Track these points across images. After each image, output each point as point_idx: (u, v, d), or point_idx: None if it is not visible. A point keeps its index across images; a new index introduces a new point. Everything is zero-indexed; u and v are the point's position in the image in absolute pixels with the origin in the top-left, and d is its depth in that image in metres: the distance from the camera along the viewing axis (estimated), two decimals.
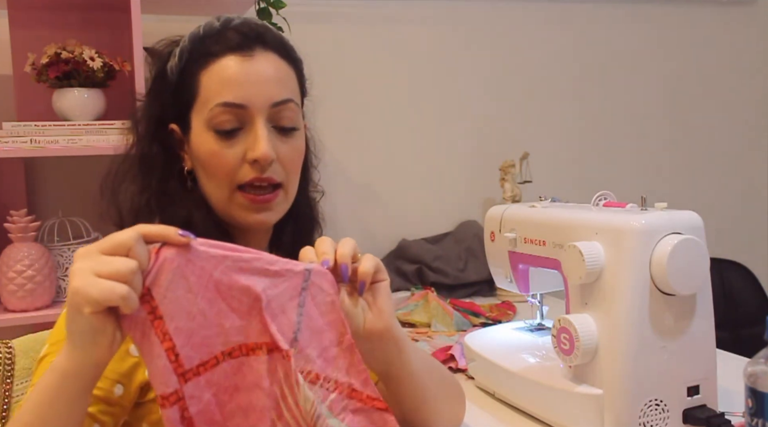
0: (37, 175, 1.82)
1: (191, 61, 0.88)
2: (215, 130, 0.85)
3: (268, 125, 0.86)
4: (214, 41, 0.87)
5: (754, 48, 2.55)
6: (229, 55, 0.86)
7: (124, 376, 0.80)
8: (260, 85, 0.85)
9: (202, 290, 0.64)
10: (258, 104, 0.85)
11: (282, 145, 0.87)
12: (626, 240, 0.91)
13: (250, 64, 0.86)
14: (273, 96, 0.86)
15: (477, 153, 2.23)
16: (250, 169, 0.85)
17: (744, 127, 2.56)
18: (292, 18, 1.81)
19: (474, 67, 2.23)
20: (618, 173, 2.38)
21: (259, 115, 0.85)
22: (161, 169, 0.90)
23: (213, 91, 0.85)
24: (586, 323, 0.94)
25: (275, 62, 0.88)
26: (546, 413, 1.04)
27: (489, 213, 1.25)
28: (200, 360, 0.65)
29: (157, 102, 0.91)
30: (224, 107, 0.84)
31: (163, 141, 0.91)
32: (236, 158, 0.85)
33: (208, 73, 0.86)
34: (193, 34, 0.89)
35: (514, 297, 1.83)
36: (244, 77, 0.85)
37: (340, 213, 2.03)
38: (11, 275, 1.51)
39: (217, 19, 0.89)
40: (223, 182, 0.86)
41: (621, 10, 2.37)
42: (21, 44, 1.71)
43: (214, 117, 0.85)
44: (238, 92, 0.84)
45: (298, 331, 0.68)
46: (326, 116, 2.03)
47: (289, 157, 0.88)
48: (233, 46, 0.86)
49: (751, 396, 0.76)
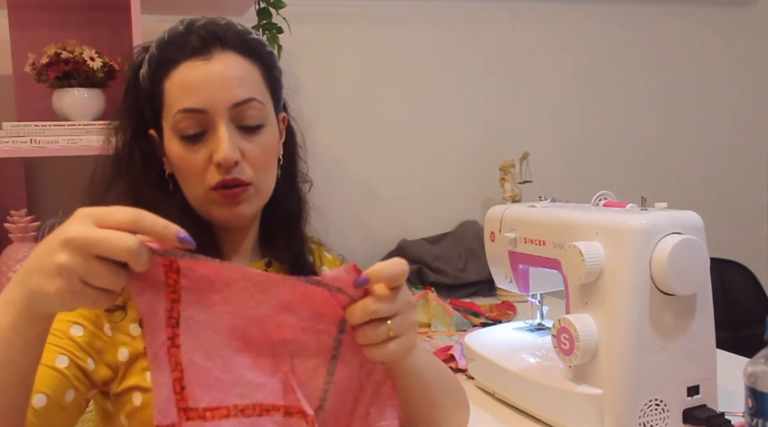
0: (37, 175, 1.82)
1: (157, 68, 0.88)
2: (180, 135, 0.86)
3: (231, 126, 0.86)
4: (176, 47, 0.87)
5: (754, 48, 2.55)
6: (187, 60, 0.86)
7: (96, 352, 0.82)
8: (219, 88, 0.85)
9: (227, 334, 0.60)
10: (218, 107, 0.85)
11: (248, 144, 0.87)
12: (626, 240, 0.92)
13: (207, 68, 0.85)
14: (232, 97, 0.86)
15: (477, 153, 2.23)
16: (216, 172, 0.86)
17: (744, 127, 2.56)
18: (292, 18, 1.81)
19: (474, 67, 2.23)
20: (618, 173, 2.38)
21: (220, 118, 0.85)
22: (142, 175, 0.91)
23: (174, 97, 0.86)
24: (586, 323, 0.94)
25: (234, 62, 0.87)
26: (546, 413, 1.04)
27: (489, 213, 1.25)
28: (208, 404, 0.60)
29: (133, 109, 0.92)
30: (185, 113, 0.85)
31: (143, 146, 0.92)
32: (202, 162, 0.86)
33: (170, 81, 0.87)
34: (159, 39, 0.90)
35: (514, 297, 1.83)
36: (202, 82, 0.85)
37: (340, 213, 2.05)
38: (11, 275, 1.51)
39: (181, 23, 0.89)
40: (195, 184, 0.87)
41: (621, 10, 2.37)
42: (21, 44, 1.71)
43: (177, 123, 0.86)
44: (196, 97, 0.85)
45: (324, 399, 0.65)
46: (326, 116, 2.06)
47: (256, 155, 0.88)
48: (191, 50, 0.86)
49: (751, 396, 0.76)
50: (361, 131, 2.13)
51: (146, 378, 0.83)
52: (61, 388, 0.76)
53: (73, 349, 0.79)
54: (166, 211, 0.88)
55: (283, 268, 0.97)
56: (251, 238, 0.96)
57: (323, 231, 1.06)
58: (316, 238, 1.06)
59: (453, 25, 2.20)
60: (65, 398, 0.77)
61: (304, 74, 1.98)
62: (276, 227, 0.97)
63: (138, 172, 0.91)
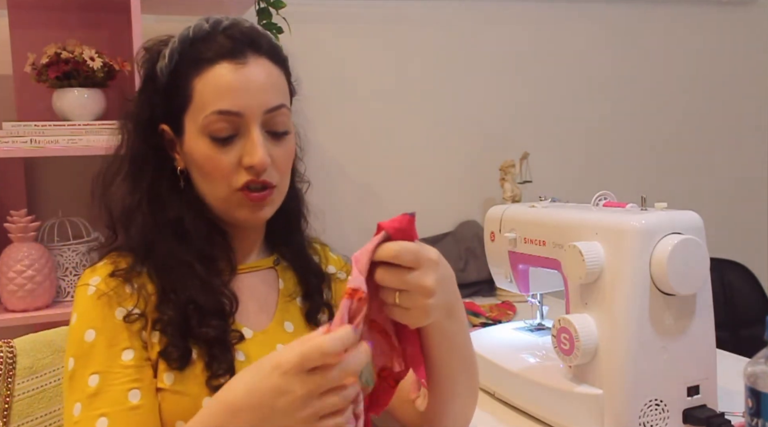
0: (37, 175, 1.82)
1: (182, 64, 0.88)
2: (210, 136, 0.86)
3: (262, 131, 0.87)
4: (206, 46, 0.87)
5: (754, 48, 2.55)
6: (222, 62, 0.86)
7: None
8: (254, 93, 0.86)
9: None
10: (253, 111, 0.86)
11: (275, 149, 0.88)
12: (626, 240, 0.92)
13: (244, 72, 0.86)
14: (267, 103, 0.87)
15: (477, 153, 2.23)
16: (246, 174, 0.86)
17: (744, 127, 2.56)
18: (292, 18, 1.81)
19: (474, 67, 2.23)
20: (618, 173, 2.38)
21: (254, 122, 0.86)
22: (152, 170, 0.91)
23: (208, 98, 0.86)
24: (586, 323, 0.94)
25: (267, 68, 0.88)
26: (546, 413, 1.04)
27: (489, 213, 1.25)
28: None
29: (147, 103, 0.91)
30: (220, 115, 0.85)
31: (153, 142, 0.91)
32: (232, 163, 0.86)
33: (202, 80, 0.86)
34: (182, 35, 0.89)
35: (514, 297, 1.83)
36: (238, 85, 0.85)
37: (339, 213, 2.05)
38: (11, 275, 1.51)
39: (206, 21, 0.89)
40: (220, 185, 0.87)
41: (621, 10, 2.37)
42: (21, 44, 1.71)
43: (209, 124, 0.86)
44: (233, 100, 0.85)
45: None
46: (326, 116, 2.06)
47: (282, 160, 0.89)
48: (226, 52, 0.86)
49: (751, 396, 0.76)
50: (361, 131, 2.13)
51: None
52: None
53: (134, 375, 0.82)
54: (177, 208, 0.89)
55: (290, 266, 0.98)
56: (260, 236, 0.97)
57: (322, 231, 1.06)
58: (320, 239, 1.06)
59: (453, 26, 2.19)
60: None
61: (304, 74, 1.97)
62: (279, 226, 0.97)
63: (150, 167, 0.90)
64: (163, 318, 0.83)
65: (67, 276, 1.61)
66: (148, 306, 0.84)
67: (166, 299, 0.85)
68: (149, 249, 0.87)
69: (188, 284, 0.85)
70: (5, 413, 0.98)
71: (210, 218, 0.90)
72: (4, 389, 0.99)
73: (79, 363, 0.81)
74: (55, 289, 1.59)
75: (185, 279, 0.85)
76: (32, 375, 1.02)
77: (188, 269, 0.86)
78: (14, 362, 1.01)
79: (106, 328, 0.83)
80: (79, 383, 0.80)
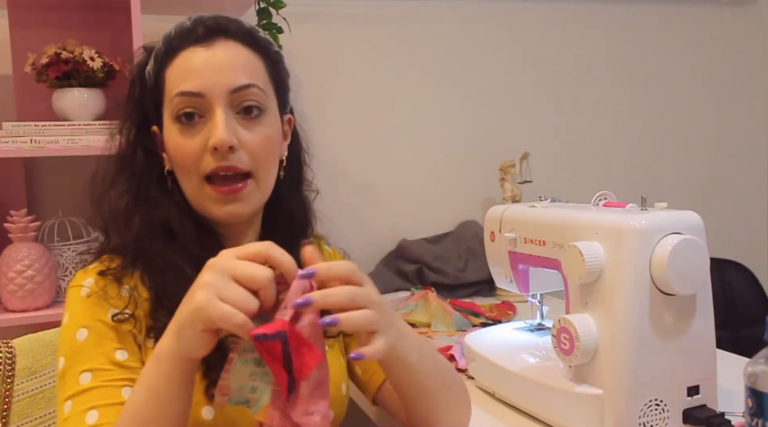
0: (37, 175, 1.82)
1: (161, 59, 0.89)
2: (176, 121, 0.86)
3: (229, 112, 0.85)
4: (180, 38, 0.88)
5: (754, 48, 2.55)
6: (189, 47, 0.87)
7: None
8: (218, 72, 0.85)
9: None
10: (216, 91, 0.85)
11: (246, 132, 0.86)
12: (626, 240, 0.91)
13: (207, 53, 0.86)
14: (232, 82, 0.85)
15: (477, 153, 2.23)
16: (212, 158, 0.85)
17: (744, 127, 2.56)
18: (292, 18, 1.81)
19: (474, 67, 2.23)
20: (618, 173, 2.38)
21: (218, 103, 0.85)
22: (141, 173, 0.91)
23: (174, 82, 0.86)
24: (586, 323, 0.94)
25: (236, 49, 0.88)
26: (546, 413, 1.04)
27: (489, 213, 1.25)
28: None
29: (137, 106, 0.92)
30: (183, 97, 0.85)
31: (145, 144, 0.91)
32: (198, 148, 0.85)
33: (172, 67, 0.87)
34: (165, 35, 0.90)
35: (514, 297, 1.83)
36: (201, 66, 0.85)
37: (340, 213, 2.05)
38: (11, 275, 1.51)
39: (189, 19, 0.90)
40: (191, 174, 0.86)
41: (621, 10, 2.37)
42: (21, 44, 1.71)
43: (175, 107, 0.86)
44: (195, 80, 0.85)
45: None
46: (326, 116, 2.06)
47: (255, 143, 0.87)
48: (194, 38, 0.87)
49: (751, 396, 0.76)
50: (361, 131, 2.13)
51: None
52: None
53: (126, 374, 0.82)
54: (165, 209, 0.88)
55: None
56: (252, 237, 0.95)
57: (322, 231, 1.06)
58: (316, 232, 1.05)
59: (453, 26, 2.19)
60: None
61: (304, 74, 1.98)
62: (280, 231, 0.96)
63: (140, 169, 0.91)
64: (158, 325, 0.82)
65: (67, 276, 1.61)
66: (141, 311, 0.84)
67: (160, 306, 0.84)
68: (139, 251, 0.87)
69: (180, 288, 0.84)
70: (4, 414, 0.98)
71: (199, 219, 0.90)
72: (3, 389, 0.99)
73: (71, 362, 0.81)
74: (55, 289, 1.59)
75: (177, 283, 0.82)
76: (31, 376, 1.02)
77: (179, 272, 0.84)
78: (13, 363, 1.01)
79: (97, 327, 0.82)
80: (71, 381, 0.80)
